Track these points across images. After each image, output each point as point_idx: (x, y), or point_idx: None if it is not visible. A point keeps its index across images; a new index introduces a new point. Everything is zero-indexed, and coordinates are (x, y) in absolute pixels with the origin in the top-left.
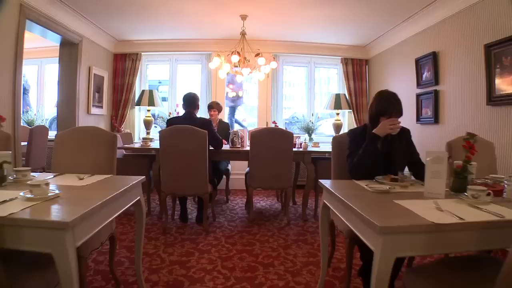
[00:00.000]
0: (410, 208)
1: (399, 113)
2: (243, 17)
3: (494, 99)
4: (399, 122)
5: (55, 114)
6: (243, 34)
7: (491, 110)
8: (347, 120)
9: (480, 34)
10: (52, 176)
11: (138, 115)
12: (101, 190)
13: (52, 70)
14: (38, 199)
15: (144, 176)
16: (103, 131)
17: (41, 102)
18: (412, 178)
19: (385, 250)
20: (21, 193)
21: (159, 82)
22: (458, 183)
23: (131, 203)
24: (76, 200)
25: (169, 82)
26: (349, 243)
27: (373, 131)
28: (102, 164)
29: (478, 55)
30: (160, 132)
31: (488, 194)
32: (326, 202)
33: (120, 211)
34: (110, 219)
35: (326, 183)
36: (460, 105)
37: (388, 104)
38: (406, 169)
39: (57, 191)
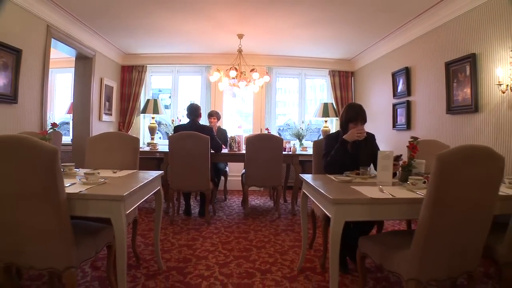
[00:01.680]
0: (360, 190)
1: (364, 120)
2: (240, 36)
3: (452, 108)
4: (364, 131)
5: (63, 120)
6: (239, 51)
7: (450, 118)
8: (334, 127)
9: (442, 53)
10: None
11: (143, 122)
12: (134, 179)
13: (61, 79)
14: (93, 183)
15: (162, 171)
16: (128, 135)
17: (51, 109)
18: (374, 172)
19: (336, 215)
20: (78, 180)
21: (159, 91)
22: (404, 175)
23: (154, 190)
24: (119, 184)
25: (171, 92)
26: (324, 224)
27: (343, 137)
28: (127, 162)
29: (440, 71)
30: (169, 137)
31: (424, 182)
32: (304, 191)
33: (149, 195)
34: (144, 199)
35: (304, 176)
36: (427, 114)
37: (355, 113)
38: (372, 166)
39: (103, 179)
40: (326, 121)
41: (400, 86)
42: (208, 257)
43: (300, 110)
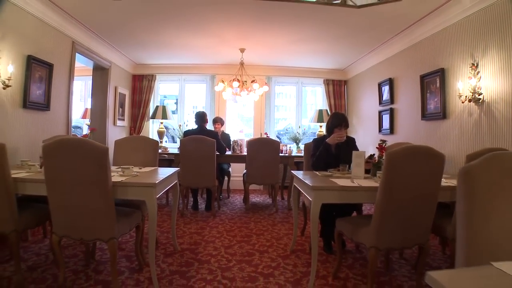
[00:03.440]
0: (336, 181)
1: (346, 126)
2: (242, 50)
3: (426, 115)
4: (344, 136)
5: (75, 124)
6: (241, 63)
7: (424, 123)
8: None
9: (418, 66)
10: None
11: (152, 126)
12: (158, 173)
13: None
14: (128, 175)
15: (179, 168)
16: (149, 138)
17: None
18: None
19: (315, 198)
20: (115, 173)
21: (165, 97)
22: (373, 170)
23: (173, 183)
24: (148, 176)
25: (178, 99)
26: None
27: (326, 140)
28: (148, 160)
29: (417, 82)
30: (181, 140)
31: None
32: (295, 184)
33: (169, 186)
34: (166, 188)
35: (295, 172)
36: (407, 120)
37: (339, 120)
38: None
39: (135, 172)
40: (321, 126)
41: (385, 95)
42: (215, 241)
43: (297, 115)
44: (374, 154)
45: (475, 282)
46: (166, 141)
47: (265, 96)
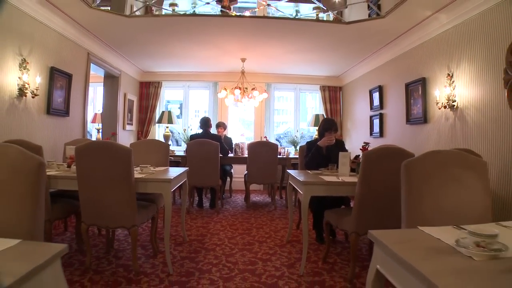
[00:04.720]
0: (324, 178)
1: (336, 130)
2: (243, 60)
3: (410, 120)
4: (333, 139)
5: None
6: (242, 72)
7: (409, 127)
8: None
9: (403, 75)
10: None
11: (158, 130)
12: (170, 171)
13: None
14: (146, 172)
15: (188, 167)
16: (161, 142)
17: None
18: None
19: (306, 192)
20: (135, 171)
21: (168, 102)
22: (357, 168)
23: (183, 180)
24: (163, 174)
25: (182, 104)
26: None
27: (317, 143)
28: (161, 161)
29: (402, 90)
30: (187, 143)
31: None
32: (290, 181)
33: (180, 183)
34: (178, 184)
35: (290, 171)
36: (394, 124)
37: (329, 125)
38: None
39: (152, 171)
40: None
41: (375, 101)
42: (219, 234)
43: (295, 120)
44: (359, 155)
45: (398, 236)
46: (170, 144)
47: (264, 102)
